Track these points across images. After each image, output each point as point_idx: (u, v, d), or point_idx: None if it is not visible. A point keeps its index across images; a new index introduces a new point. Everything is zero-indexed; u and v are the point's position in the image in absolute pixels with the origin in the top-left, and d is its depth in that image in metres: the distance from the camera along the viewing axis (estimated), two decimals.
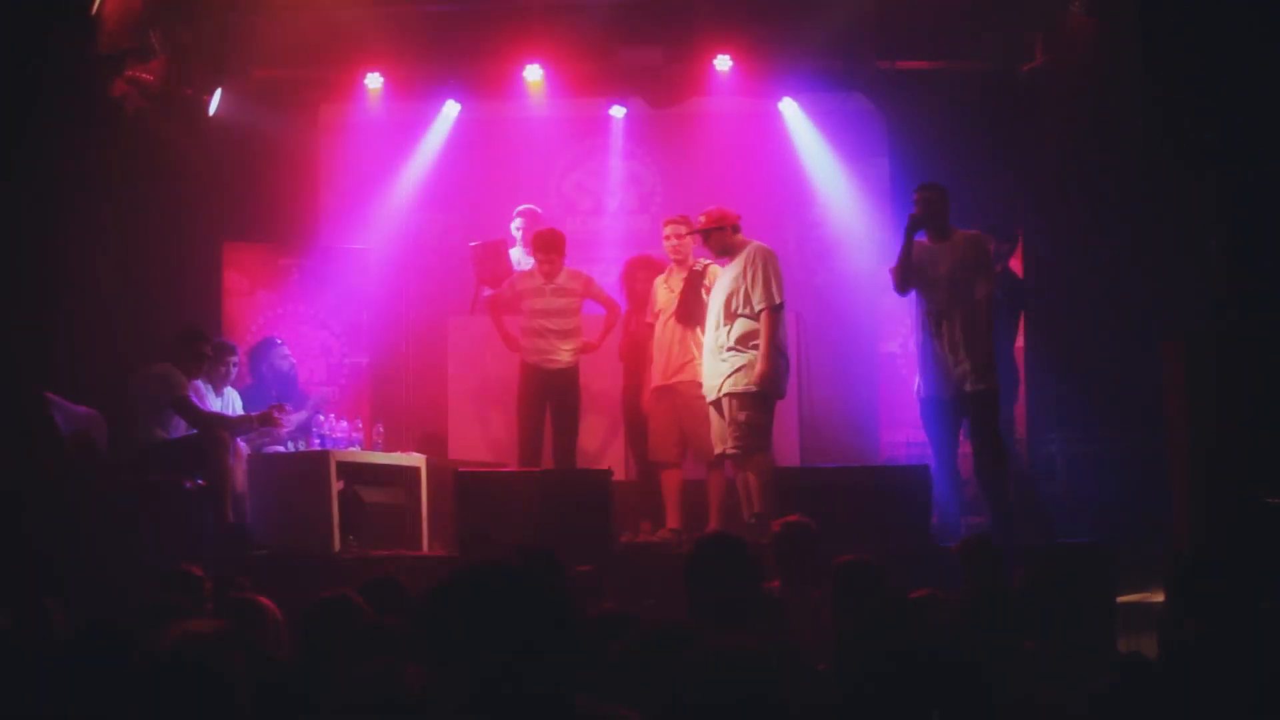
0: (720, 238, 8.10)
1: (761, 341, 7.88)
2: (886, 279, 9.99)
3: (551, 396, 8.88)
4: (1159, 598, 5.25)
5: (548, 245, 8.90)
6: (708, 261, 8.42)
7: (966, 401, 7.77)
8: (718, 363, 7.97)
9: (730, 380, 7.89)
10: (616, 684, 2.90)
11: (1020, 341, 9.29)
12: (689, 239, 8.42)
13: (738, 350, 7.91)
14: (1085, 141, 9.24)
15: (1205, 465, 7.20)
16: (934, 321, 7.84)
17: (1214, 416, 7.24)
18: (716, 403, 8.00)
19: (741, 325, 7.93)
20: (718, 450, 8.05)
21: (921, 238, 7.91)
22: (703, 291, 8.31)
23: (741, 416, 7.87)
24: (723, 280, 8.11)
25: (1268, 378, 7.19)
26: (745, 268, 7.99)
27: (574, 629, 2.27)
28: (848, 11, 9.73)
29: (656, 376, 8.46)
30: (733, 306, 7.95)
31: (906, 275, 7.91)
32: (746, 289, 7.95)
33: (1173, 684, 3.41)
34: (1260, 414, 7.12)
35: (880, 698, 2.75)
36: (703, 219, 8.18)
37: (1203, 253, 8.14)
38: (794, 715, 2.39)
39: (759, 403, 7.91)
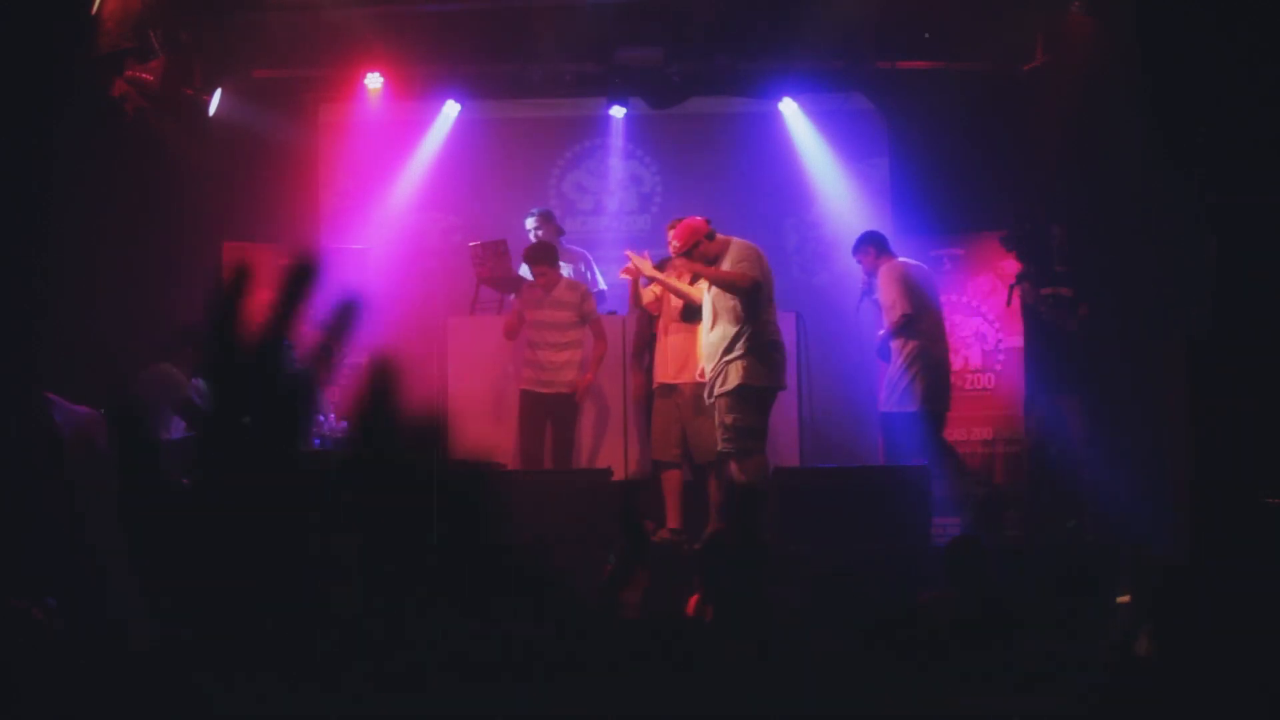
0: (702, 251, 7.87)
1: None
2: None
3: (551, 418, 8.96)
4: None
5: (537, 258, 9.02)
6: None
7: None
8: (719, 363, 7.92)
9: (721, 380, 7.76)
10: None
11: (1020, 342, 9.35)
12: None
13: (739, 351, 7.79)
14: (1085, 141, 9.24)
15: (1205, 465, 7.21)
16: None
17: (1214, 416, 7.24)
18: (714, 403, 7.97)
19: (741, 325, 7.85)
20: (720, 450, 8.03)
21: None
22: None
23: (729, 419, 7.73)
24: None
25: (1268, 378, 7.19)
26: (734, 265, 7.83)
27: None
28: (848, 11, 9.74)
29: (658, 375, 8.45)
30: (730, 305, 7.79)
31: None
32: None
33: (1168, 683, 3.40)
34: (1260, 414, 7.12)
35: None
36: (675, 243, 7.93)
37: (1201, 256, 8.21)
38: None
39: (750, 400, 7.77)
